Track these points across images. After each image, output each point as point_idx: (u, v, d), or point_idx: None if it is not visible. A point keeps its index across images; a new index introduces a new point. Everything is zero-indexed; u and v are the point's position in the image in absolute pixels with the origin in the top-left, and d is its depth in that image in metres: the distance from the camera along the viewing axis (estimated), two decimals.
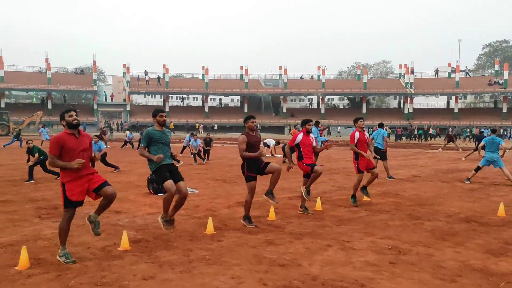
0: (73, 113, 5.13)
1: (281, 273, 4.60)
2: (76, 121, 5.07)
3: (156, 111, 6.15)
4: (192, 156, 17.98)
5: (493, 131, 12.24)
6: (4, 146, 25.79)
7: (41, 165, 11.85)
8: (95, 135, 15.01)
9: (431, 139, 46.94)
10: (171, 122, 56.25)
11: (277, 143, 22.26)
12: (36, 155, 11.62)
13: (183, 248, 5.50)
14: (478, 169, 11.93)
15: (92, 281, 4.32)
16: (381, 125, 13.29)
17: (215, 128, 59.56)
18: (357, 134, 8.53)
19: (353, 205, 8.43)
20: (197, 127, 53.94)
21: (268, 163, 6.80)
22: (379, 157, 12.19)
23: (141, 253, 5.29)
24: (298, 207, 7.95)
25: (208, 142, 19.04)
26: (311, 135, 7.96)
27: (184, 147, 22.69)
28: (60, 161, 4.90)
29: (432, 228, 6.63)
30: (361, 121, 8.68)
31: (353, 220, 7.24)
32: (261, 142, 21.72)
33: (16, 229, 6.44)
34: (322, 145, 14.70)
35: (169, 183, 5.80)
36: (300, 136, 7.77)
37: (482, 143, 12.11)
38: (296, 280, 4.40)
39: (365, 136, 8.67)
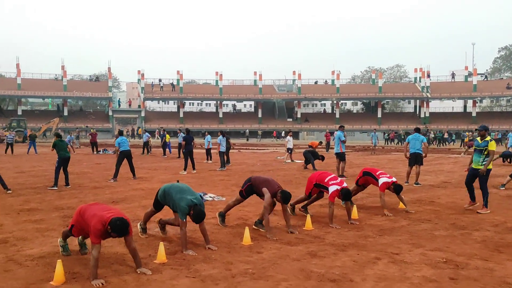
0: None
1: None
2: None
3: None
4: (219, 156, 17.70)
5: None
6: (28, 152, 25.97)
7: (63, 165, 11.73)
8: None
9: (447, 144, 46.06)
10: (139, 127, 57.30)
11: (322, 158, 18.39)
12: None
13: (223, 261, 5.19)
14: None
15: None
16: (417, 130, 12.59)
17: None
18: None
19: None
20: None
21: None
22: (420, 163, 12.21)
23: (179, 266, 5.00)
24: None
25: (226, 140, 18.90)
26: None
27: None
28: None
29: (482, 239, 6.22)
30: None
31: (395, 230, 6.86)
32: (286, 144, 21.54)
33: (45, 240, 6.20)
34: (340, 147, 14.37)
35: None
36: None
37: None
38: None
39: None
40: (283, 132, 60.42)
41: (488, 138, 8.36)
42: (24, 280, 4.51)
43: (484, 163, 8.29)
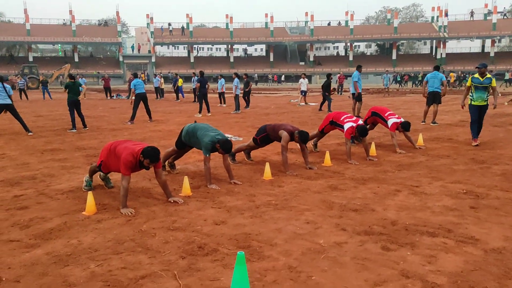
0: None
1: (357, 218, 4.37)
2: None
3: None
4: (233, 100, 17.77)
5: None
6: (43, 98, 26.49)
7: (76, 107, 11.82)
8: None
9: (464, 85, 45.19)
10: (142, 73, 56.59)
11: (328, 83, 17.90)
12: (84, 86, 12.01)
13: (246, 194, 5.32)
14: None
15: (164, 226, 4.19)
16: (437, 68, 12.47)
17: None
18: None
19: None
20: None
21: None
22: (438, 102, 12.20)
23: (204, 198, 5.14)
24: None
25: (246, 83, 18.86)
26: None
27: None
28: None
29: (502, 172, 6.26)
30: None
31: (413, 165, 6.92)
32: (299, 88, 21.43)
33: (71, 176, 6.39)
34: (356, 89, 14.17)
35: None
36: None
37: None
38: (375, 225, 4.17)
39: None
40: (283, 76, 60.37)
41: (489, 75, 8.50)
42: (57, 210, 4.70)
43: (487, 99, 8.70)
